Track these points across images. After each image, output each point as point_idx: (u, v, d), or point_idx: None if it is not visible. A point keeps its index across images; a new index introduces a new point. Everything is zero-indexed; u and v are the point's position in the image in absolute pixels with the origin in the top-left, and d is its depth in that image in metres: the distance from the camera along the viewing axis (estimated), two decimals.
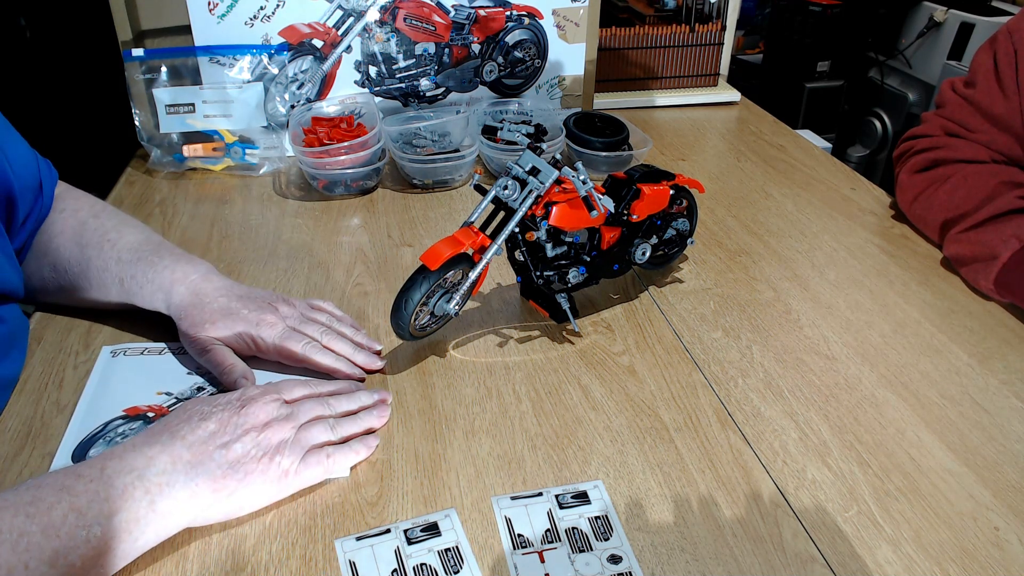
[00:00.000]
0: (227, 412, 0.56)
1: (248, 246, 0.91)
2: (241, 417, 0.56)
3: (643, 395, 0.69)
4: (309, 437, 0.58)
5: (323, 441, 0.59)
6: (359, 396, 0.65)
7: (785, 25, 2.20)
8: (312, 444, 0.58)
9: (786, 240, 0.94)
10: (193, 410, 0.56)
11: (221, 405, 0.57)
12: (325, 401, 0.62)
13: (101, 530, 0.48)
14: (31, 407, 0.65)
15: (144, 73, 1.05)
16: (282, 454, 0.56)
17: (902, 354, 0.75)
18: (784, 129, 1.29)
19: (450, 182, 1.06)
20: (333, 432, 0.60)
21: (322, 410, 0.61)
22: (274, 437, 0.56)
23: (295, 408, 0.59)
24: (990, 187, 0.85)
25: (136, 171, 1.09)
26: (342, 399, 0.63)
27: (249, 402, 0.57)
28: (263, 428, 0.56)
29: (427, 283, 0.66)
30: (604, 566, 0.53)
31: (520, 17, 1.16)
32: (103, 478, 0.49)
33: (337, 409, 0.62)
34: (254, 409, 0.57)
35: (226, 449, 0.54)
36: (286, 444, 0.56)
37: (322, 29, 1.10)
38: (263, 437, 0.56)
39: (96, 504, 0.48)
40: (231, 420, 0.55)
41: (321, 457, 0.58)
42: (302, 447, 0.57)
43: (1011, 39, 0.90)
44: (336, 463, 0.59)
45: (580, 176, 0.68)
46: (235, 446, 0.54)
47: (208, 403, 0.57)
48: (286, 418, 0.58)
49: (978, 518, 0.57)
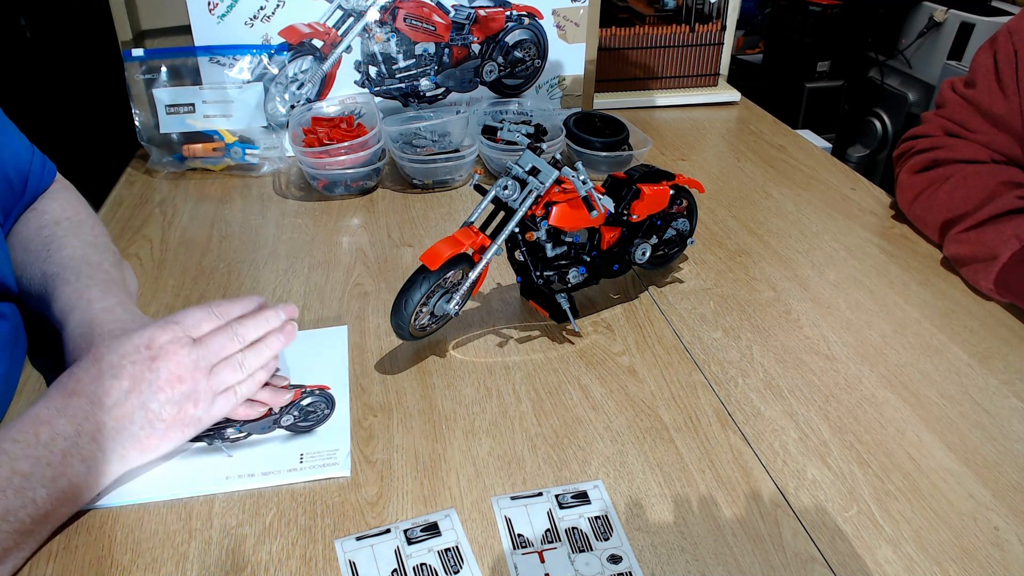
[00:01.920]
0: (138, 366, 0.55)
1: (248, 246, 0.91)
2: (153, 372, 0.56)
3: (643, 395, 0.69)
4: (220, 380, 0.59)
5: (232, 382, 0.59)
6: (266, 317, 0.63)
7: (785, 25, 2.20)
8: (222, 388, 0.59)
9: (786, 240, 0.94)
10: (103, 364, 0.55)
11: (130, 355, 0.56)
12: (233, 332, 0.60)
13: (46, 492, 0.51)
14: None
15: (144, 73, 1.05)
16: (196, 404, 0.57)
17: (902, 354, 0.75)
18: (784, 129, 1.29)
19: (450, 182, 1.06)
20: (242, 369, 0.60)
21: (232, 346, 0.60)
22: (188, 388, 0.57)
23: (204, 347, 0.59)
24: (990, 187, 0.85)
25: (136, 171, 1.09)
26: (249, 325, 0.62)
27: (159, 353, 0.56)
28: (176, 381, 0.56)
29: (427, 283, 0.66)
30: (604, 566, 0.53)
31: (520, 17, 1.16)
32: (39, 443, 0.51)
33: (246, 339, 0.61)
34: (165, 361, 0.56)
35: (144, 409, 0.55)
36: (198, 394, 0.57)
37: (322, 29, 1.10)
38: (177, 392, 0.56)
39: (39, 469, 0.50)
40: (144, 376, 0.55)
41: (230, 396, 0.59)
42: (213, 392, 0.58)
43: (1011, 39, 0.90)
44: (242, 396, 0.60)
45: (580, 176, 0.68)
46: (152, 405, 0.55)
47: (115, 351, 0.56)
48: (197, 366, 0.57)
49: (978, 518, 0.57)
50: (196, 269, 0.86)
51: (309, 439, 0.63)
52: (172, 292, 0.82)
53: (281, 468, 0.60)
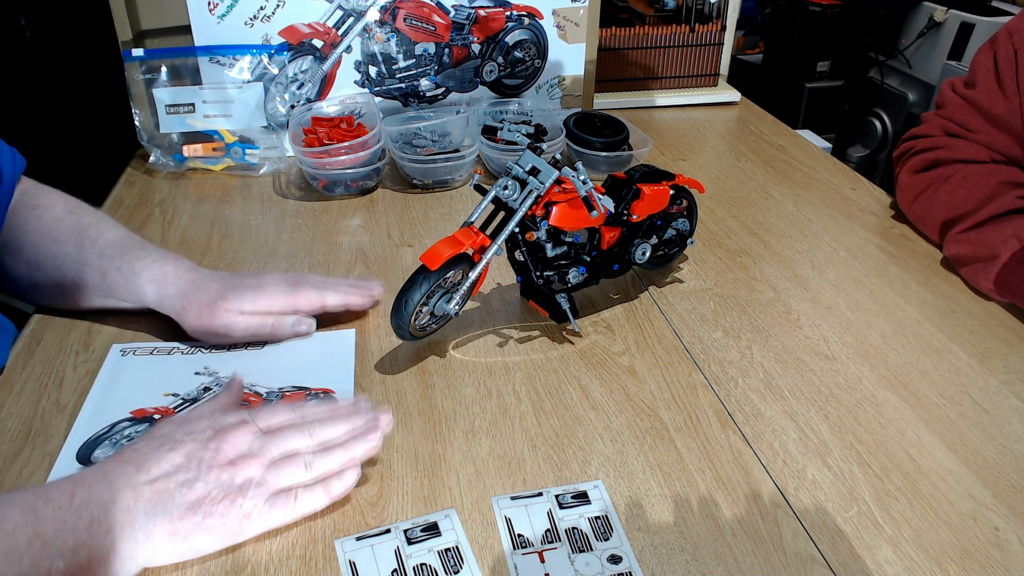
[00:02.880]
0: (197, 443, 0.52)
1: (248, 246, 0.91)
2: (209, 452, 0.52)
3: (643, 395, 0.69)
4: (279, 478, 0.53)
5: (294, 482, 0.54)
6: (350, 420, 0.58)
7: (785, 25, 2.20)
8: (280, 486, 0.53)
9: (786, 240, 0.94)
10: (165, 435, 0.53)
11: (194, 432, 0.53)
12: (308, 429, 0.56)
13: (63, 564, 0.46)
14: (31, 407, 0.65)
15: (144, 73, 1.05)
16: (245, 496, 0.52)
17: (902, 354, 0.75)
18: (784, 129, 1.29)
19: (450, 182, 1.06)
20: (308, 470, 0.54)
21: (301, 442, 0.55)
22: (239, 477, 0.52)
23: (270, 440, 0.54)
24: (990, 187, 0.85)
25: (136, 171, 1.09)
26: (327, 425, 0.57)
27: (221, 433, 0.53)
28: (230, 466, 0.52)
29: (427, 283, 0.66)
30: (604, 566, 0.53)
31: (520, 17, 1.16)
32: (72, 507, 0.47)
33: (320, 439, 0.56)
34: (225, 443, 0.53)
35: (188, 488, 0.50)
36: (251, 485, 0.52)
37: (322, 29, 1.10)
38: (228, 476, 0.51)
39: (62, 536, 0.46)
40: (199, 454, 0.52)
41: (288, 499, 0.53)
42: (268, 489, 0.53)
43: (1011, 39, 0.90)
44: (304, 505, 0.54)
45: (580, 176, 0.68)
46: (197, 485, 0.51)
47: (182, 428, 0.53)
48: (257, 454, 0.53)
49: (978, 518, 0.57)
50: None
51: None
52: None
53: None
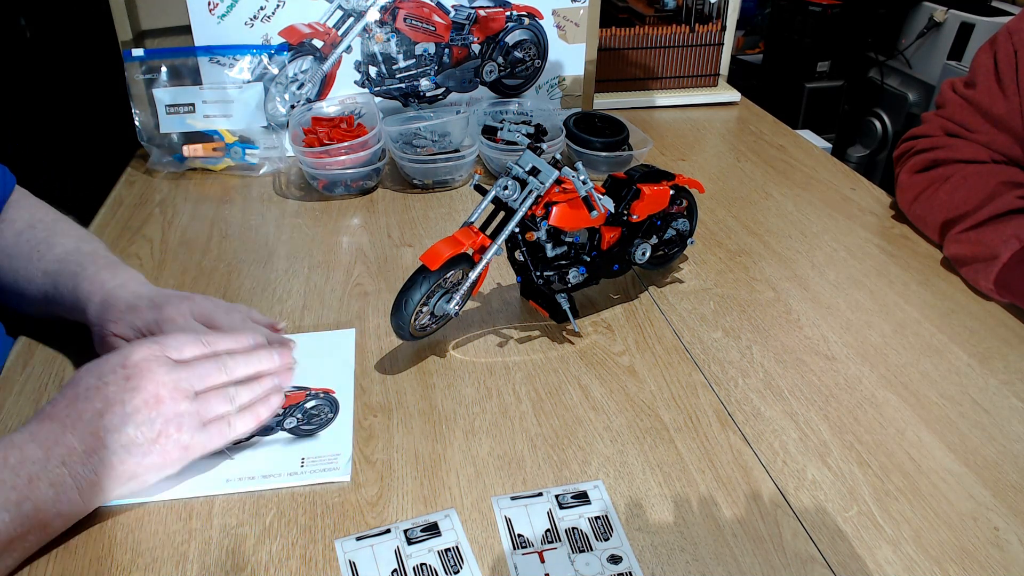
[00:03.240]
0: (112, 387, 0.52)
1: (248, 246, 0.91)
2: (128, 393, 0.51)
3: (643, 395, 0.69)
4: (208, 409, 0.54)
5: (222, 412, 0.55)
6: (259, 356, 0.59)
7: (785, 25, 2.20)
8: (210, 416, 0.55)
9: (786, 240, 0.94)
10: (78, 384, 0.52)
11: (105, 374, 0.52)
12: (222, 363, 0.57)
13: (9, 516, 0.48)
14: (31, 407, 0.65)
15: (144, 73, 1.05)
16: (180, 430, 0.52)
17: (902, 354, 0.75)
18: (784, 129, 1.29)
19: (450, 182, 1.06)
20: (232, 403, 0.56)
21: (219, 376, 0.56)
22: (168, 410, 0.52)
23: (188, 372, 0.54)
24: (990, 187, 0.85)
25: (136, 171, 1.09)
26: (240, 361, 0.58)
27: (135, 372, 0.52)
28: (155, 403, 0.52)
29: (427, 283, 0.66)
30: (604, 566, 0.53)
31: (520, 17, 1.16)
32: (7, 467, 0.49)
33: (235, 374, 0.57)
34: (142, 380, 0.52)
35: (118, 433, 0.51)
36: (182, 417, 0.53)
37: (322, 29, 1.10)
38: (156, 413, 0.52)
39: (3, 492, 0.48)
40: (118, 397, 0.51)
41: (223, 426, 0.55)
42: (200, 419, 0.54)
43: (1011, 39, 0.90)
44: (238, 428, 0.56)
45: (580, 176, 0.68)
46: (127, 429, 0.51)
47: (94, 374, 0.53)
48: (178, 387, 0.53)
49: (978, 518, 0.57)
50: (196, 269, 0.86)
51: (311, 443, 0.63)
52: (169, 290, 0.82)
53: (282, 471, 0.60)
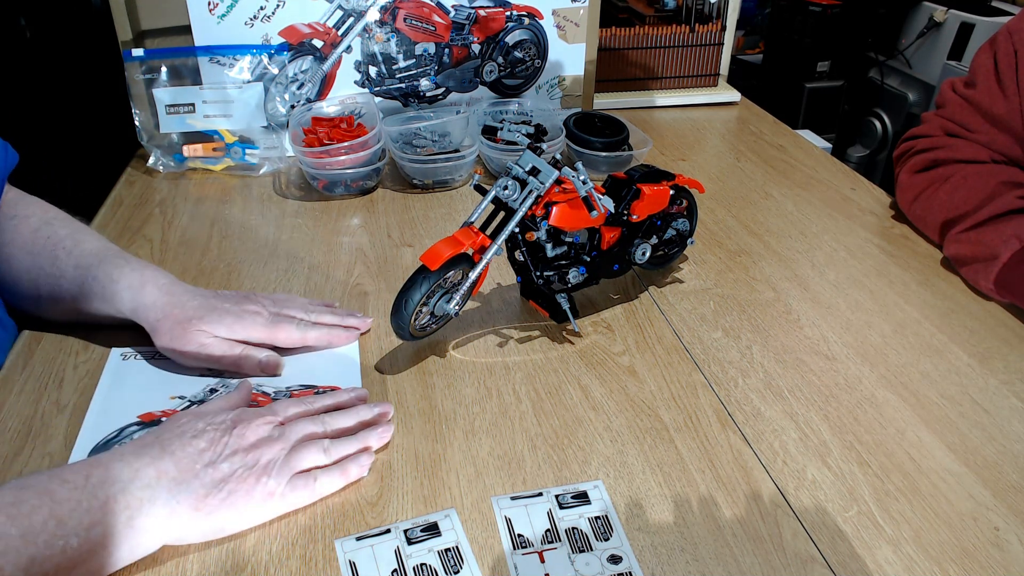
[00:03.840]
0: (219, 431, 0.55)
1: (248, 246, 0.91)
2: (232, 437, 0.55)
3: (643, 395, 0.69)
4: (299, 459, 0.56)
5: (313, 464, 0.57)
6: (359, 411, 0.62)
7: (785, 25, 2.20)
8: (301, 467, 0.56)
9: (786, 240, 0.94)
10: (186, 425, 0.55)
11: (215, 424, 0.55)
12: (320, 419, 0.60)
13: (78, 541, 0.47)
14: (31, 407, 0.65)
15: (144, 73, 1.05)
16: (268, 475, 0.54)
17: (902, 354, 0.75)
18: (784, 129, 1.29)
19: (450, 182, 1.06)
20: (326, 455, 0.58)
21: (316, 428, 0.59)
22: (262, 457, 0.55)
23: (287, 428, 0.58)
24: (990, 187, 0.85)
25: (136, 171, 1.09)
26: (338, 416, 0.61)
27: (241, 422, 0.56)
28: (252, 448, 0.55)
29: (427, 283, 0.66)
30: (604, 566, 0.53)
31: (520, 17, 1.16)
32: (87, 487, 0.48)
33: (332, 427, 0.60)
34: (246, 430, 0.56)
35: (213, 468, 0.53)
36: (274, 464, 0.55)
37: (322, 29, 1.10)
38: (251, 457, 0.54)
39: (77, 514, 0.47)
40: (221, 440, 0.54)
41: (309, 480, 0.56)
42: (291, 469, 0.56)
43: (1011, 39, 0.90)
44: (323, 486, 0.57)
45: (580, 176, 0.68)
46: (222, 465, 0.53)
47: (202, 419, 0.56)
48: (277, 439, 0.56)
49: (978, 518, 0.57)
50: (196, 269, 0.86)
51: None
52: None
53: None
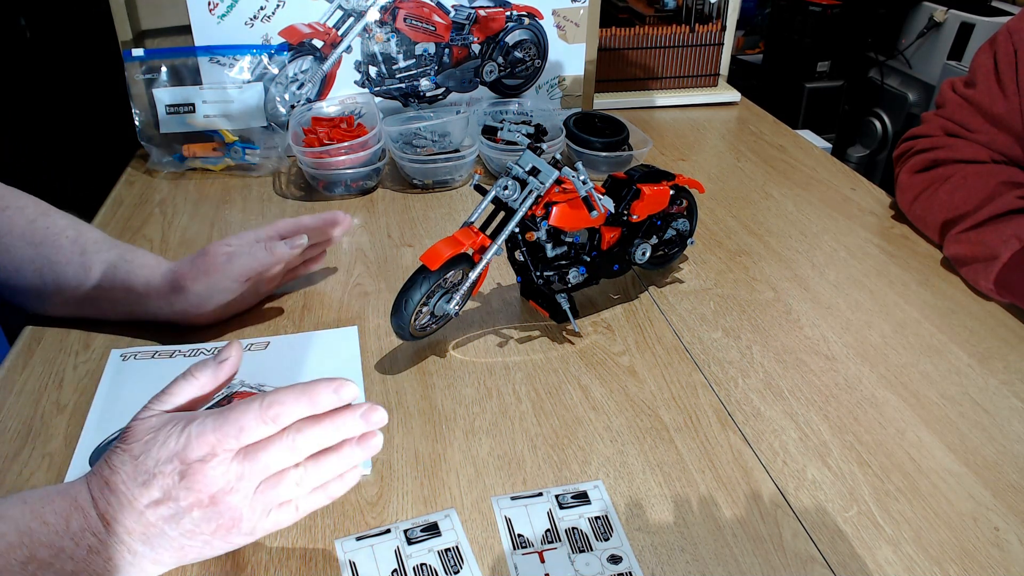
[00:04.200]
0: (168, 479, 0.47)
1: None
2: (183, 491, 0.47)
3: (643, 395, 0.69)
4: (270, 498, 0.50)
5: (289, 498, 0.51)
6: (343, 422, 0.51)
7: (785, 25, 2.20)
8: (275, 503, 0.50)
9: (786, 240, 0.94)
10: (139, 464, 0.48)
11: (161, 464, 0.47)
12: (291, 442, 0.49)
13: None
14: (31, 407, 0.65)
15: (144, 73, 1.05)
16: (238, 524, 0.49)
17: (902, 354, 0.75)
18: (784, 129, 1.29)
19: (450, 182, 1.06)
20: (299, 487, 0.50)
21: (286, 458, 0.49)
22: (225, 512, 0.48)
23: (249, 463, 0.48)
24: (990, 187, 0.85)
25: (136, 171, 1.09)
26: (315, 432, 0.50)
27: (190, 471, 0.47)
28: (210, 505, 0.48)
29: (427, 283, 0.66)
30: (604, 566, 0.53)
31: (520, 17, 1.16)
32: (68, 533, 0.46)
33: (306, 451, 0.50)
34: (197, 482, 0.47)
35: (176, 523, 0.47)
36: (240, 512, 0.48)
37: (322, 29, 1.10)
38: (212, 512, 0.48)
39: (60, 561, 0.45)
40: (173, 492, 0.47)
41: (289, 508, 0.51)
42: (265, 509, 0.50)
43: (1011, 39, 0.90)
44: (306, 509, 0.52)
45: (580, 176, 0.68)
46: (184, 522, 0.48)
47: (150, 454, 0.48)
48: (234, 488, 0.48)
49: (978, 518, 0.57)
50: None
51: None
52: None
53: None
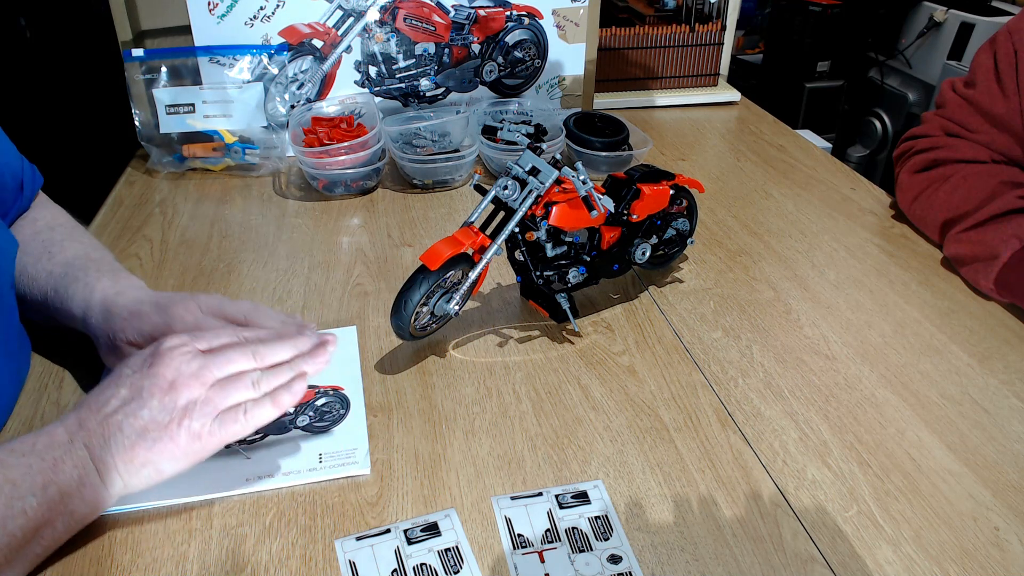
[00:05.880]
0: (137, 374, 0.52)
1: (248, 246, 0.91)
2: (148, 378, 0.51)
3: (643, 395, 0.69)
4: (224, 396, 0.52)
5: (240, 399, 0.53)
6: (296, 341, 0.56)
7: (785, 25, 2.20)
8: (228, 404, 0.52)
9: (786, 240, 0.94)
10: (114, 375, 0.53)
11: (133, 365, 0.53)
12: (252, 350, 0.55)
13: (36, 501, 0.48)
14: (31, 407, 0.66)
15: (144, 73, 1.05)
16: (191, 417, 0.51)
17: (902, 354, 0.75)
18: (784, 129, 1.29)
19: (450, 182, 1.06)
20: (255, 387, 0.53)
21: (246, 362, 0.54)
22: (181, 399, 0.51)
23: (210, 359, 0.53)
24: (990, 187, 0.85)
25: (136, 171, 1.09)
26: (273, 346, 0.55)
27: (157, 357, 0.52)
28: (170, 388, 0.51)
29: (427, 283, 0.66)
30: (604, 566, 0.53)
31: (520, 17, 1.16)
32: (34, 452, 0.50)
33: (266, 359, 0.55)
34: (162, 366, 0.52)
35: (134, 417, 0.51)
36: (194, 405, 0.51)
37: (322, 29, 1.10)
38: (169, 399, 0.51)
39: (29, 476, 0.49)
40: (140, 382, 0.51)
41: (238, 414, 0.52)
42: (215, 407, 0.52)
43: (1011, 39, 0.90)
44: (254, 418, 0.53)
45: (580, 176, 0.68)
46: (142, 413, 0.51)
47: (128, 363, 0.53)
48: (196, 375, 0.52)
49: (978, 518, 0.57)
50: (196, 269, 0.86)
51: (327, 439, 0.63)
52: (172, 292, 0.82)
53: (301, 468, 0.60)
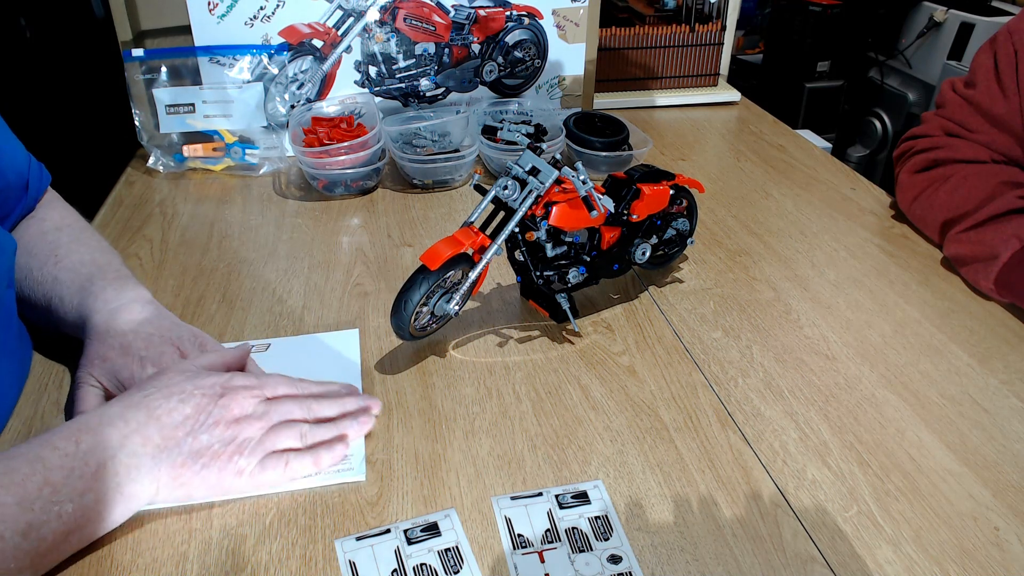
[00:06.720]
0: (206, 398, 0.55)
1: (248, 246, 0.91)
2: (218, 408, 0.55)
3: (643, 395, 0.69)
4: (274, 440, 0.57)
5: (288, 447, 0.58)
6: (344, 402, 0.62)
7: (785, 25, 2.20)
8: (276, 448, 0.57)
9: (786, 240, 0.94)
10: (176, 386, 0.55)
11: (203, 388, 0.56)
12: (306, 404, 0.60)
13: (72, 507, 0.49)
14: (31, 407, 0.66)
15: (144, 73, 1.05)
16: (242, 454, 0.55)
17: (902, 354, 0.75)
18: (784, 129, 1.29)
19: (450, 182, 1.06)
20: (302, 440, 0.58)
21: (299, 413, 0.59)
22: (240, 434, 0.56)
23: (272, 407, 0.58)
24: (990, 187, 0.85)
25: (136, 171, 1.09)
26: (324, 403, 0.61)
27: (229, 392, 0.56)
28: (234, 423, 0.56)
29: (427, 283, 0.66)
30: (604, 566, 0.53)
31: (520, 17, 1.16)
32: (78, 453, 0.50)
33: (316, 413, 0.60)
34: (234, 402, 0.56)
35: (193, 438, 0.54)
36: (249, 444, 0.56)
37: (322, 29, 1.10)
38: (231, 433, 0.55)
39: (71, 482, 0.49)
40: (207, 408, 0.55)
41: (279, 463, 0.57)
42: (264, 449, 0.56)
43: (1011, 39, 0.90)
44: (294, 470, 0.57)
45: (580, 176, 0.68)
46: (202, 436, 0.54)
47: (191, 381, 0.56)
48: (259, 416, 0.57)
49: (978, 518, 0.57)
50: (196, 269, 0.86)
51: None
52: (172, 292, 0.82)
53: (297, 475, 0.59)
